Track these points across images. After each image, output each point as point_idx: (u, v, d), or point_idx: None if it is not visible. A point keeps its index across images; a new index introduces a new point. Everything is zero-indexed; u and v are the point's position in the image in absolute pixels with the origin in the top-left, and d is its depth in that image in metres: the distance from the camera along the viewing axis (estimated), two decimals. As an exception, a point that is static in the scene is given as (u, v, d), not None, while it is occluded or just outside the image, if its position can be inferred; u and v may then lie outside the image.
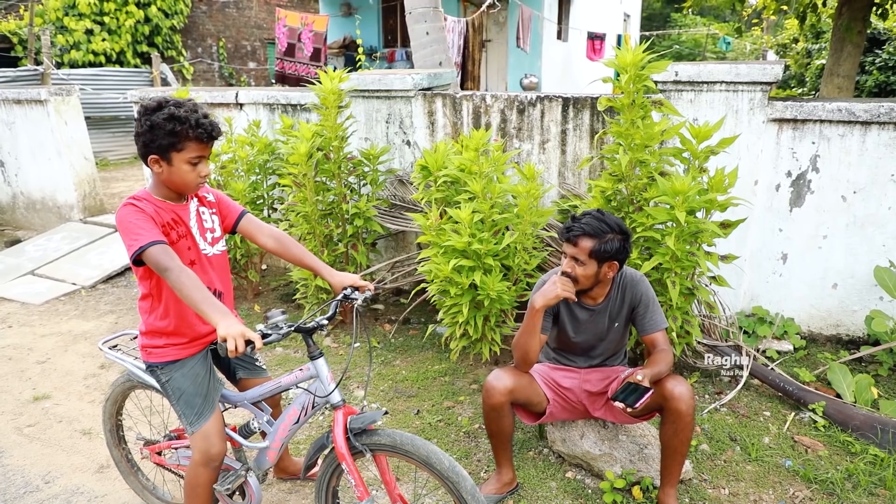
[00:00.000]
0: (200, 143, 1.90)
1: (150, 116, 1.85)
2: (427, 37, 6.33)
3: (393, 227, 4.30)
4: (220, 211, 2.16)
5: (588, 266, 2.35)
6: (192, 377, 2.10)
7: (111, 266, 5.86)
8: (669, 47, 21.36)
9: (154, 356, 2.10)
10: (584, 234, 2.32)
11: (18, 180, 7.28)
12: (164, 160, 1.90)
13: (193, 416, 2.08)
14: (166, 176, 1.93)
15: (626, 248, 2.38)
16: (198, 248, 2.06)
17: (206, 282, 2.05)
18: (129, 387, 2.54)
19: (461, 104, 4.32)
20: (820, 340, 3.93)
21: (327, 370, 2.05)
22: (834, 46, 6.11)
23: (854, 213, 3.65)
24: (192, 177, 1.93)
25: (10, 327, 4.74)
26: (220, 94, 5.37)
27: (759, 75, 3.51)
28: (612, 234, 2.33)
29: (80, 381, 3.84)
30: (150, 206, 1.94)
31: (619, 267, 2.42)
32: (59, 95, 6.62)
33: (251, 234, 2.21)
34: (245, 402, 2.25)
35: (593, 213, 2.40)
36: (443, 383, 3.60)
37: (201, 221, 2.08)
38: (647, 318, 2.46)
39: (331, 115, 4.01)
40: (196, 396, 2.09)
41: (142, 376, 2.34)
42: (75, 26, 13.27)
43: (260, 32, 18.11)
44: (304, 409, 2.15)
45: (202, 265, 2.07)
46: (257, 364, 2.36)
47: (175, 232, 1.98)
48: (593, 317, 2.52)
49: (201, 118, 1.88)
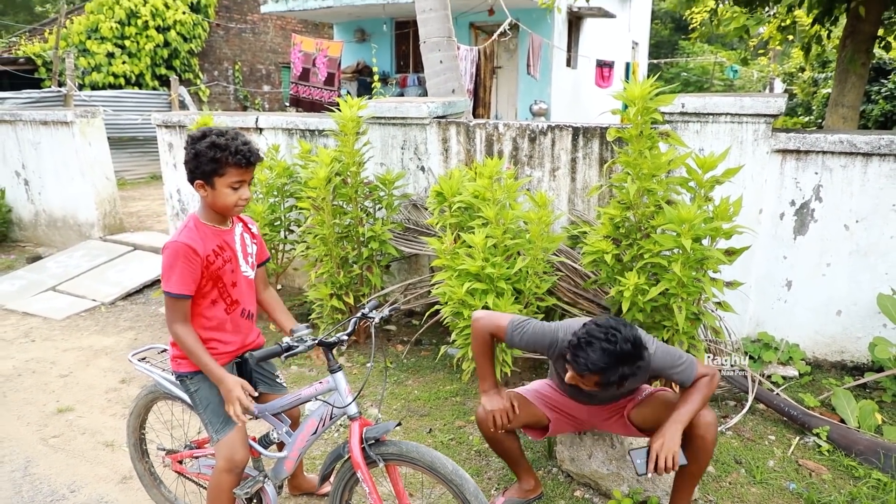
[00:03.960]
0: (240, 169, 2.06)
1: (195, 145, 2.04)
2: (441, 65, 6.51)
3: (407, 251, 4.42)
4: (259, 244, 2.36)
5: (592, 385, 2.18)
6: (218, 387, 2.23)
7: (130, 283, 6.01)
8: (677, 74, 21.62)
9: (184, 366, 2.24)
10: (591, 373, 2.11)
11: (41, 198, 7.48)
12: (208, 185, 2.07)
13: (219, 425, 2.21)
14: (210, 199, 2.10)
15: (636, 374, 2.12)
16: (240, 270, 2.23)
17: (244, 301, 2.25)
18: (152, 399, 2.66)
19: (474, 132, 4.47)
20: (825, 366, 4.00)
21: (345, 383, 2.18)
22: (838, 77, 6.23)
23: (857, 242, 3.74)
24: (233, 200, 2.09)
25: (33, 341, 4.87)
26: (241, 119, 5.56)
27: (762, 108, 3.64)
28: (622, 367, 2.08)
29: (102, 395, 3.96)
30: (199, 235, 2.11)
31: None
32: (84, 117, 6.84)
33: (257, 280, 2.38)
34: (266, 413, 2.36)
35: (604, 336, 2.08)
36: (454, 403, 3.69)
37: (245, 246, 2.26)
38: (675, 378, 2.30)
39: (349, 142, 4.17)
40: (222, 405, 2.20)
41: (168, 387, 2.46)
42: (97, 49, 13.65)
43: (275, 56, 18.50)
44: (322, 421, 2.28)
45: (240, 286, 2.24)
46: (277, 381, 2.48)
47: (221, 257, 2.15)
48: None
49: (241, 145, 2.04)
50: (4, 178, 7.74)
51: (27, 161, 7.43)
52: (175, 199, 6.28)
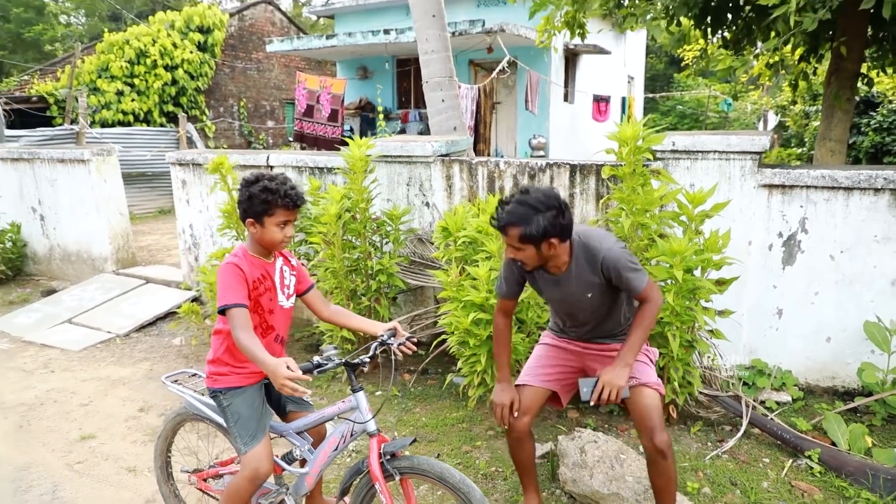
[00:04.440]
0: (287, 210, 2.31)
1: (250, 188, 2.30)
2: (443, 104, 6.78)
3: (413, 283, 4.62)
4: (298, 275, 2.56)
5: (526, 250, 2.37)
6: (249, 403, 2.44)
7: (143, 316, 6.19)
8: (673, 107, 22.06)
9: (219, 382, 2.45)
10: (508, 224, 2.32)
11: (56, 233, 7.70)
12: (259, 223, 2.32)
13: (248, 438, 2.40)
14: (259, 236, 2.34)
15: (558, 223, 2.31)
16: (276, 299, 2.45)
17: (278, 328, 2.47)
18: (179, 421, 2.84)
19: (476, 169, 4.70)
20: (817, 392, 4.15)
21: (366, 402, 2.37)
22: (825, 113, 6.48)
23: (842, 272, 3.94)
24: (280, 237, 2.34)
25: (52, 372, 5.04)
26: (253, 157, 5.80)
27: (748, 146, 3.87)
28: (539, 214, 2.29)
29: (122, 423, 4.11)
30: (246, 262, 2.35)
31: (562, 239, 2.38)
32: (100, 155, 7.10)
33: (314, 304, 2.61)
34: (290, 431, 2.57)
35: (518, 195, 2.36)
36: (461, 429, 3.85)
37: (283, 278, 2.47)
38: (623, 285, 2.47)
39: (358, 179, 4.40)
40: (251, 420, 2.42)
41: (199, 407, 2.65)
42: (107, 88, 14.04)
43: (279, 93, 18.93)
44: (344, 438, 2.47)
45: (276, 314, 2.46)
46: (304, 399, 2.66)
47: (262, 286, 2.38)
48: (560, 285, 2.56)
49: (289, 190, 2.31)
50: (21, 213, 7.98)
51: (43, 197, 7.68)
52: (187, 234, 6.49)
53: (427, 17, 6.71)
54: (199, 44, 15.63)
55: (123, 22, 28.79)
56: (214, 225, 6.20)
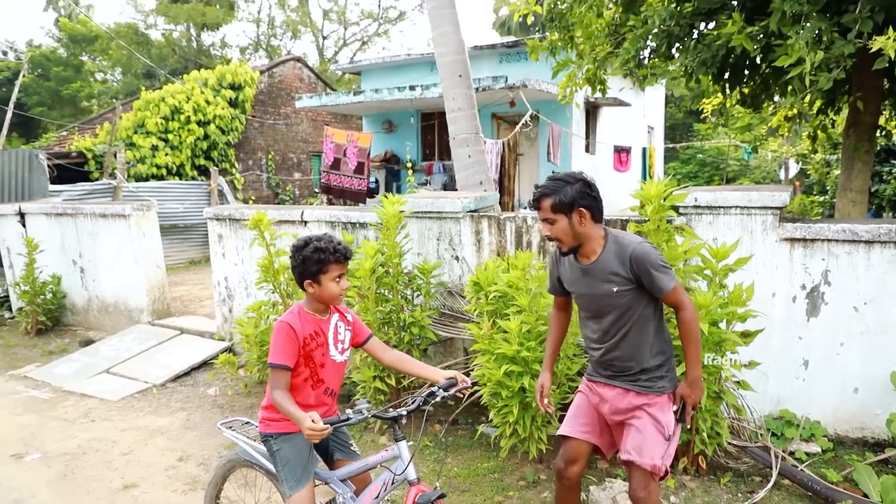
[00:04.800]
0: (339, 264, 2.52)
1: (302, 252, 2.51)
2: (469, 159, 7.03)
3: (444, 335, 4.75)
4: (353, 329, 2.73)
5: (559, 221, 2.53)
6: (297, 449, 2.58)
7: (178, 366, 6.37)
8: (693, 156, 22.26)
9: (271, 427, 2.61)
10: (542, 196, 2.55)
11: (95, 285, 7.99)
12: (316, 282, 2.52)
13: (293, 482, 2.55)
14: (318, 294, 2.54)
15: (586, 193, 2.52)
16: (328, 354, 2.60)
17: (328, 381, 2.62)
18: (230, 467, 2.98)
19: (505, 224, 4.88)
20: (847, 443, 4.16)
21: (408, 452, 2.50)
22: (845, 164, 6.60)
23: (867, 323, 4.00)
24: (337, 291, 2.54)
25: (92, 421, 5.21)
26: (287, 213, 6.05)
27: (768, 201, 4.01)
28: (567, 185, 2.52)
29: (162, 472, 4.24)
30: (300, 320, 2.54)
31: (593, 215, 2.55)
32: (140, 210, 7.43)
33: (375, 352, 2.78)
34: (334, 478, 2.71)
35: (549, 176, 2.63)
36: (492, 479, 3.91)
37: (336, 334, 2.64)
38: (650, 283, 2.53)
39: (391, 235, 4.59)
40: (298, 465, 2.57)
41: (250, 453, 2.80)
42: (142, 143, 14.59)
43: (305, 146, 19.50)
44: (385, 486, 2.59)
45: (327, 368, 2.61)
46: (351, 447, 2.80)
47: (315, 341, 2.55)
48: (588, 275, 2.63)
49: (337, 245, 2.52)
50: (62, 266, 8.30)
51: (84, 250, 8.00)
52: (222, 287, 6.72)
53: (454, 77, 7.03)
54: (230, 100, 16.26)
55: (157, 79, 30.07)
56: (249, 278, 6.42)
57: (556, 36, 7.57)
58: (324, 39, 34.32)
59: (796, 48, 4.39)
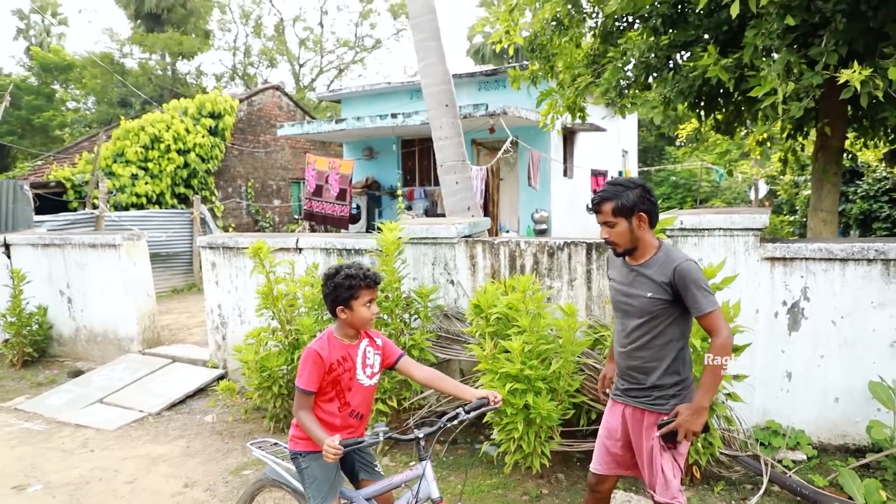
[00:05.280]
0: (370, 289, 2.67)
1: (334, 279, 2.65)
2: (457, 185, 7.23)
3: (442, 356, 4.89)
4: (383, 352, 2.83)
5: (619, 224, 2.64)
6: (324, 467, 2.69)
7: (173, 394, 6.39)
8: (666, 178, 22.83)
9: (300, 445, 2.74)
10: (603, 200, 2.65)
11: (84, 315, 7.98)
12: (348, 308, 2.65)
13: (319, 499, 2.68)
14: (350, 319, 2.67)
15: (646, 199, 2.64)
16: (355, 378, 2.72)
17: (354, 404, 2.73)
18: (259, 487, 3.08)
19: (499, 249, 5.07)
20: (830, 450, 4.38)
21: (431, 471, 2.61)
22: (815, 185, 6.95)
23: (844, 336, 4.25)
24: (368, 315, 2.67)
25: (91, 451, 5.21)
26: (283, 240, 6.17)
27: (749, 223, 4.26)
28: (628, 190, 2.63)
29: (170, 499, 4.29)
30: (328, 346, 2.66)
31: (650, 220, 2.67)
32: (130, 240, 7.47)
33: (408, 370, 2.86)
34: (360, 497, 2.81)
35: (609, 180, 2.76)
36: (496, 495, 4.04)
37: (365, 359, 2.76)
38: (689, 300, 2.59)
39: (389, 261, 4.75)
40: (325, 483, 2.69)
41: (279, 472, 2.91)
42: (122, 172, 14.55)
43: (285, 173, 19.60)
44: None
45: (354, 391, 2.72)
46: (376, 468, 2.91)
47: (342, 367, 2.68)
48: (632, 272, 2.73)
49: (367, 272, 2.67)
50: (48, 296, 8.27)
51: (72, 280, 7.99)
52: (216, 314, 6.78)
53: (441, 107, 7.26)
54: (210, 128, 16.33)
55: (132, 108, 29.99)
56: (243, 305, 6.51)
57: (537, 66, 7.87)
58: (300, 67, 34.60)
59: (769, 80, 4.69)
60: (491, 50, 29.03)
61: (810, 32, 5.22)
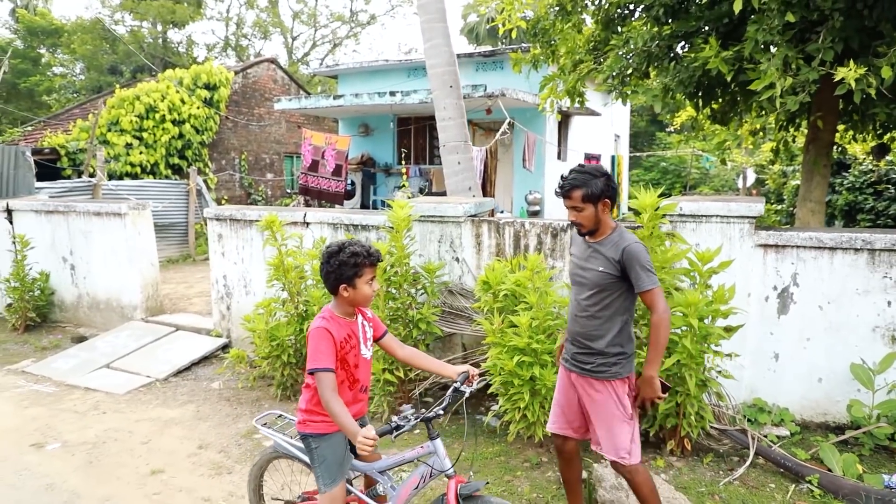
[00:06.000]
0: (372, 267, 2.70)
1: (338, 257, 2.64)
2: (459, 166, 7.40)
3: (447, 330, 5.10)
4: (374, 324, 2.90)
5: (586, 209, 2.93)
6: (333, 449, 2.77)
7: (179, 361, 6.56)
8: (656, 163, 23.12)
9: (310, 427, 2.78)
10: (574, 187, 2.92)
11: (86, 282, 8.09)
12: (351, 286, 2.66)
13: (328, 480, 2.74)
14: (352, 297, 2.67)
15: (610, 186, 2.93)
16: (360, 352, 2.78)
17: (362, 379, 2.80)
18: (271, 457, 3.24)
19: (504, 229, 5.25)
20: (812, 427, 4.66)
21: (443, 447, 2.74)
22: (805, 176, 7.19)
23: (830, 320, 4.50)
24: (370, 292, 2.71)
25: (104, 413, 5.39)
26: (290, 214, 6.31)
27: (746, 211, 4.48)
28: (595, 179, 2.91)
29: (185, 459, 4.48)
30: (334, 325, 2.67)
31: (612, 205, 2.98)
32: (136, 209, 7.57)
33: (390, 347, 2.93)
34: (374, 470, 2.92)
35: (576, 168, 3.00)
36: (499, 462, 4.28)
37: (364, 333, 2.82)
38: (633, 276, 2.90)
39: (399, 237, 4.92)
40: (334, 464, 2.76)
41: (288, 448, 3.02)
42: (117, 141, 14.53)
43: (278, 146, 19.60)
44: (423, 478, 2.80)
45: (360, 367, 2.79)
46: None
47: (349, 344, 2.71)
48: (590, 249, 3.05)
49: (370, 249, 2.70)
50: (51, 263, 8.36)
51: (75, 248, 8.09)
52: (221, 284, 6.93)
53: (445, 88, 7.40)
54: (205, 100, 16.29)
55: (121, 75, 29.61)
56: (248, 276, 6.66)
57: (539, 50, 8.00)
58: (293, 40, 34.28)
59: (769, 73, 4.88)
60: (486, 29, 28.92)
61: (808, 28, 5.40)
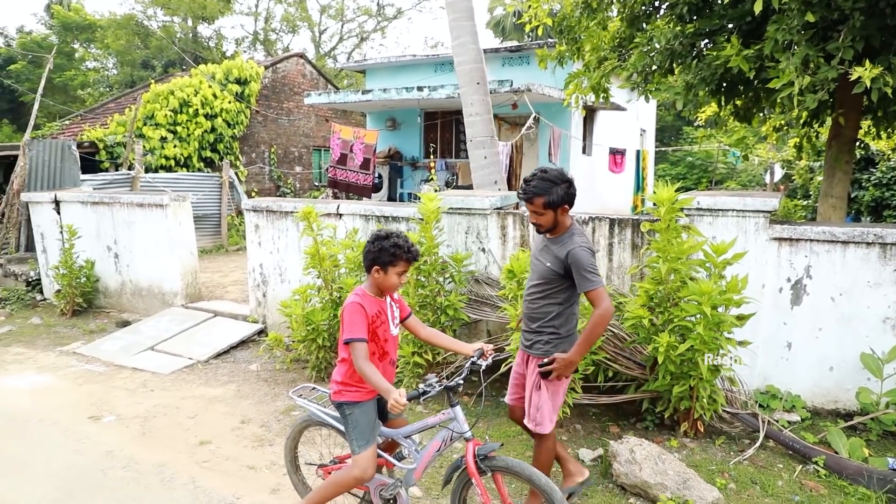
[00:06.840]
0: (407, 263, 3.00)
1: (382, 242, 2.96)
2: (485, 160, 7.65)
3: (473, 317, 5.37)
4: (400, 305, 3.20)
5: (546, 215, 3.15)
6: (366, 414, 3.08)
7: (218, 345, 6.93)
8: (683, 158, 23.08)
9: (344, 396, 3.09)
10: (535, 195, 3.12)
11: (130, 270, 8.52)
12: (383, 270, 2.97)
13: (362, 442, 3.04)
14: (380, 280, 2.98)
15: (569, 192, 3.13)
16: (389, 330, 3.09)
17: (391, 353, 3.12)
18: (305, 426, 3.55)
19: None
20: (822, 413, 4.85)
21: (462, 414, 3.03)
22: (827, 172, 7.30)
23: (842, 311, 4.69)
24: (397, 283, 3.01)
25: (152, 391, 5.77)
26: (324, 206, 6.63)
27: (761, 206, 4.68)
28: (556, 186, 3.10)
29: (230, 432, 4.83)
30: (367, 301, 2.97)
31: (570, 207, 3.18)
32: (177, 201, 7.96)
33: (414, 328, 3.25)
34: (399, 435, 3.20)
35: (538, 173, 3.16)
36: (521, 440, 4.55)
37: (392, 311, 3.13)
38: (576, 278, 3.11)
39: (429, 228, 5.20)
40: (367, 428, 3.06)
41: (321, 416, 3.32)
42: (152, 134, 15.04)
43: (307, 140, 20.01)
44: (444, 442, 3.09)
45: (389, 342, 3.10)
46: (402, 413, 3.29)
47: (378, 319, 3.02)
48: (545, 243, 3.31)
49: (412, 247, 2.99)
50: (96, 251, 8.81)
51: (119, 237, 8.52)
52: (257, 273, 7.28)
53: (472, 84, 7.65)
54: (236, 94, 16.73)
55: (153, 70, 30.30)
56: (283, 265, 7.00)
57: (565, 47, 8.20)
58: (321, 34, 34.71)
59: (788, 72, 5.05)
60: (512, 23, 29.01)
61: (829, 27, 5.54)
